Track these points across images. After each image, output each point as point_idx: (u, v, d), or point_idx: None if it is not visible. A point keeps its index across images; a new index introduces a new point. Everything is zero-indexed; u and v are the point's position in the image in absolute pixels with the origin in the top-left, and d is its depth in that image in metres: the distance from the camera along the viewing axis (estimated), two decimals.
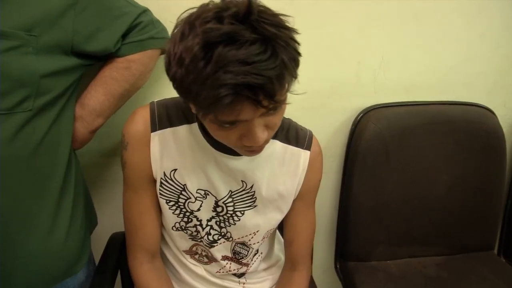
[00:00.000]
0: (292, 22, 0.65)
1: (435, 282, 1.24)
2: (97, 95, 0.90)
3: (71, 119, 0.86)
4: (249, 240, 0.94)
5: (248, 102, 0.60)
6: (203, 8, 0.62)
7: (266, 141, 0.71)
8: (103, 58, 0.90)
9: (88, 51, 0.83)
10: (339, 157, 1.31)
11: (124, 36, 0.90)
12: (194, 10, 0.64)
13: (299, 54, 0.64)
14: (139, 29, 0.91)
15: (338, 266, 1.34)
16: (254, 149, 0.72)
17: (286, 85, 0.63)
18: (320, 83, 1.22)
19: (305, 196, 0.92)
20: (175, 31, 0.63)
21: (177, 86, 0.64)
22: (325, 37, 1.17)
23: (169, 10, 0.98)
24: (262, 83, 0.58)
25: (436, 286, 1.23)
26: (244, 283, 1.01)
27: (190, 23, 0.61)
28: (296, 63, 0.64)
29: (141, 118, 0.83)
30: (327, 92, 1.23)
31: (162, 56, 1.00)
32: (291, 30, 0.63)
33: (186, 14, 0.64)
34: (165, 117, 0.83)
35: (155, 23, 0.94)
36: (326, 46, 1.18)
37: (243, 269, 0.99)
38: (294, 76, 0.64)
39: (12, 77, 0.70)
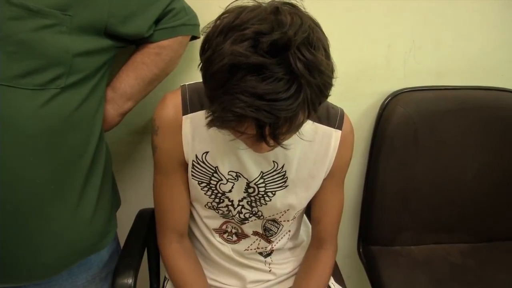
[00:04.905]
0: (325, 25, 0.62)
1: (461, 270, 1.24)
2: (128, 79, 0.92)
3: (102, 100, 0.87)
4: (280, 218, 0.94)
5: (253, 126, 0.60)
6: (252, 15, 0.59)
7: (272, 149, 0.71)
8: (135, 42, 0.91)
9: (121, 34, 0.84)
10: (366, 141, 1.30)
11: (157, 22, 0.90)
12: (248, 5, 0.62)
13: (327, 96, 0.63)
14: (172, 15, 0.91)
15: (361, 250, 1.34)
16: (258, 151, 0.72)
17: (298, 123, 0.62)
18: (349, 65, 1.20)
19: (335, 174, 0.92)
20: (222, 17, 0.62)
21: (202, 79, 0.65)
22: (356, 19, 1.14)
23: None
24: (269, 122, 0.58)
25: (462, 274, 1.23)
26: (270, 263, 1.02)
27: (231, 27, 0.59)
28: (319, 104, 0.63)
29: (172, 102, 0.83)
30: (356, 75, 1.22)
31: (191, 42, 1.00)
32: (327, 75, 0.60)
33: (238, 4, 0.63)
34: (196, 100, 0.83)
35: (186, 10, 0.95)
36: (357, 29, 1.16)
37: (270, 247, 1.00)
38: (315, 110, 0.63)
39: (47, 54, 0.71)
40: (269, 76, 0.56)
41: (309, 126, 0.86)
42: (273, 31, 0.57)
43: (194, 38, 1.00)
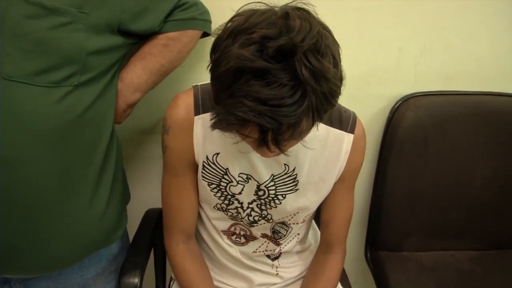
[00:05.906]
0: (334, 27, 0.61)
1: (468, 277, 1.22)
2: (136, 70, 0.92)
3: (114, 98, 0.88)
4: (289, 220, 0.94)
5: (256, 130, 0.60)
6: (261, 19, 0.59)
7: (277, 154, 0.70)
8: (147, 37, 0.92)
9: (133, 30, 0.84)
10: (375, 145, 1.29)
11: (168, 14, 0.90)
12: (260, 8, 0.62)
13: (333, 105, 0.62)
14: (183, 8, 0.92)
15: (368, 255, 1.33)
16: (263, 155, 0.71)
17: (301, 130, 0.61)
18: (359, 68, 1.19)
19: (346, 178, 0.91)
20: (233, 20, 0.62)
21: (210, 80, 0.65)
22: (366, 21, 1.13)
23: None
24: (272, 127, 0.57)
25: (469, 281, 1.21)
26: (277, 267, 1.01)
27: (240, 30, 0.59)
28: (325, 112, 0.62)
29: (184, 102, 0.83)
30: (366, 78, 1.21)
31: (205, 40, 1.00)
32: (333, 83, 0.59)
33: (250, 7, 0.63)
34: (208, 100, 0.82)
35: (198, 5, 0.95)
36: (367, 31, 1.15)
37: (278, 250, 0.99)
38: (320, 118, 0.62)
39: (62, 52, 0.72)
40: (273, 81, 0.55)
41: (321, 130, 0.85)
42: (280, 36, 0.56)
43: (206, 35, 0.99)
